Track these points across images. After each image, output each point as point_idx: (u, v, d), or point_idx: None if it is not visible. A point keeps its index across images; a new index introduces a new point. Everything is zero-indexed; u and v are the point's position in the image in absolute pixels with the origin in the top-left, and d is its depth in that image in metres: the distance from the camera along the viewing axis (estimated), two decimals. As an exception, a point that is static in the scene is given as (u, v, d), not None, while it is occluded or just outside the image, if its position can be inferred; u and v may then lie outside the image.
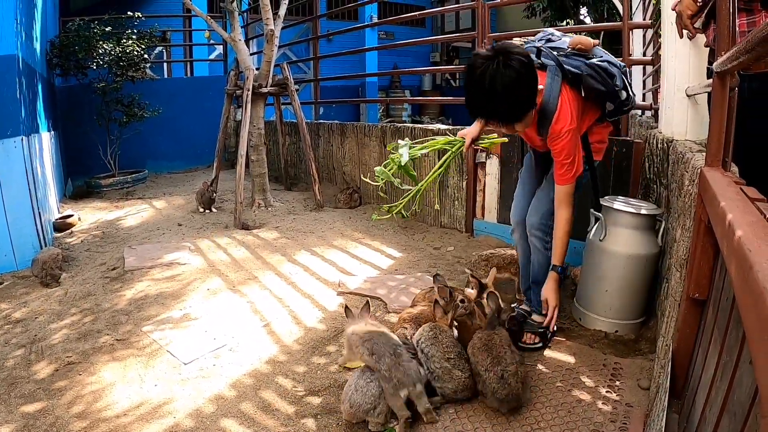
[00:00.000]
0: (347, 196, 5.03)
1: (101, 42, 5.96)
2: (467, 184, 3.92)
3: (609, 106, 2.17)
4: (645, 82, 4.21)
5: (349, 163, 5.39)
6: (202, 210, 4.98)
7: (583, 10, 9.92)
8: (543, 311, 2.22)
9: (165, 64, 9.19)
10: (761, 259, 0.67)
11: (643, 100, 4.03)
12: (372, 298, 2.91)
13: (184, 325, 2.64)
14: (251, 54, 6.93)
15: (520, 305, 2.63)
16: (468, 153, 3.84)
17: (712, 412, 0.99)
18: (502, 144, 3.59)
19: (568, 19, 9.65)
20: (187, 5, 5.37)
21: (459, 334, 2.11)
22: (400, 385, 1.75)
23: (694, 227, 1.42)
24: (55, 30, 6.54)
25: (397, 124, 4.84)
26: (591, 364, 2.12)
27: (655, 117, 2.98)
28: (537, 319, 2.40)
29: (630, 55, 3.43)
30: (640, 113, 3.86)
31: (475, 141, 2.48)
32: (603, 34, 7.47)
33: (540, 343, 2.27)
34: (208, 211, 4.97)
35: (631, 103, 2.20)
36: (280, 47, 6.06)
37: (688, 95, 2.20)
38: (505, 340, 1.91)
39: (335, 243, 3.89)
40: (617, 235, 2.35)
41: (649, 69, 3.79)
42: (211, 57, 9.35)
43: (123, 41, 6.16)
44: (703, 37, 2.04)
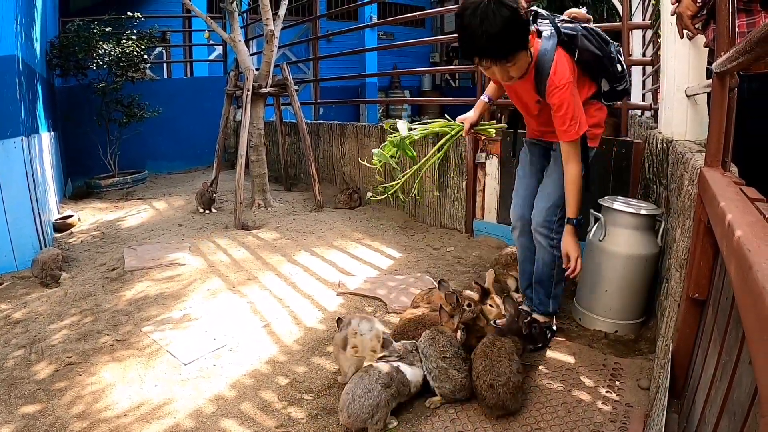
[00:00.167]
0: (347, 197, 5.03)
1: (101, 42, 5.95)
2: (467, 184, 3.92)
3: (605, 85, 2.18)
4: (645, 82, 4.21)
5: (348, 163, 5.39)
6: (201, 210, 4.97)
7: (582, 11, 9.91)
8: (564, 265, 2.19)
9: (165, 65, 9.19)
10: (761, 259, 0.67)
11: (643, 101, 4.03)
12: (372, 299, 2.91)
13: (184, 326, 2.64)
14: (251, 54, 6.94)
15: (520, 305, 2.63)
16: (468, 152, 3.85)
17: (711, 412, 0.99)
18: (502, 144, 3.62)
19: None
20: (187, 6, 5.37)
21: (465, 339, 2.10)
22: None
23: (694, 227, 1.42)
24: (54, 30, 6.54)
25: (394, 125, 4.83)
26: (591, 364, 2.12)
27: (655, 117, 2.99)
28: (538, 318, 2.40)
29: (630, 55, 3.43)
30: (640, 113, 3.86)
31: (474, 126, 2.48)
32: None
33: (540, 344, 2.27)
34: (207, 211, 4.97)
35: (626, 80, 2.21)
36: (280, 48, 6.06)
37: (688, 95, 2.20)
38: (506, 348, 1.90)
39: (335, 243, 3.89)
40: (617, 235, 2.35)
41: (649, 69, 3.79)
42: (211, 57, 9.34)
43: (123, 42, 6.15)
44: (702, 37, 2.04)
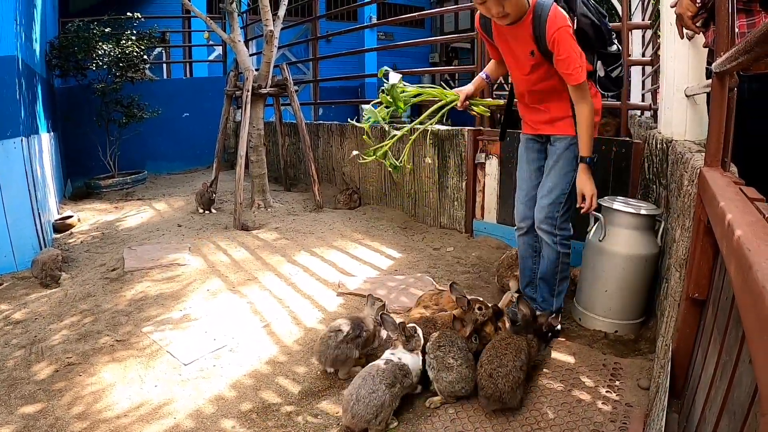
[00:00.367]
0: (347, 197, 5.03)
1: (101, 43, 5.95)
2: (467, 184, 3.93)
3: (600, 69, 2.19)
4: (644, 82, 4.21)
5: (348, 163, 5.39)
6: (201, 211, 4.97)
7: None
8: (578, 204, 2.22)
9: (164, 65, 9.19)
10: (760, 258, 0.67)
11: (643, 101, 4.03)
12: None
13: (184, 326, 2.64)
14: (251, 55, 6.94)
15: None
16: (467, 153, 3.85)
17: (711, 412, 0.99)
18: (501, 144, 3.62)
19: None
20: (187, 6, 5.37)
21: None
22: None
23: (694, 227, 1.42)
24: (54, 31, 6.54)
25: (396, 125, 4.83)
26: (591, 364, 2.12)
27: (655, 117, 2.99)
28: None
29: (629, 55, 3.44)
30: (640, 113, 3.86)
31: (470, 99, 2.49)
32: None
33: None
34: (207, 211, 4.97)
35: (620, 65, 2.24)
36: (280, 48, 6.06)
37: (688, 96, 2.20)
38: (515, 345, 1.92)
39: (335, 243, 3.89)
40: (617, 235, 2.35)
41: (649, 69, 3.79)
42: (211, 58, 9.35)
43: (122, 42, 6.16)
44: (701, 37, 2.04)
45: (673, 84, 2.26)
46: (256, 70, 5.09)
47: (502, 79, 5.32)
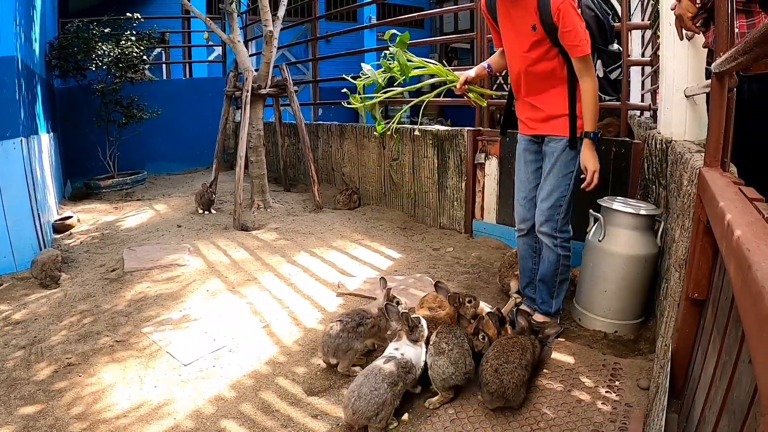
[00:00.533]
0: (346, 197, 5.03)
1: (100, 43, 5.95)
2: (466, 185, 3.93)
3: (599, 70, 2.20)
4: (644, 82, 4.21)
5: (348, 164, 5.39)
6: (201, 211, 4.97)
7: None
8: (581, 176, 2.24)
9: (164, 66, 9.18)
10: (760, 258, 0.67)
11: (642, 101, 4.03)
12: (371, 299, 2.91)
13: (184, 326, 2.64)
14: (250, 55, 6.94)
15: (520, 304, 2.63)
16: (467, 153, 3.85)
17: (711, 412, 0.99)
18: (501, 144, 3.62)
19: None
20: (186, 6, 5.37)
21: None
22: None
23: (693, 227, 1.42)
24: (54, 31, 6.53)
25: (396, 125, 4.83)
26: (590, 364, 2.13)
27: (654, 118, 2.99)
28: (539, 318, 2.41)
29: (629, 56, 3.44)
30: (639, 114, 3.86)
31: (469, 83, 2.50)
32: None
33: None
34: (207, 212, 4.97)
35: (620, 65, 2.27)
36: (279, 48, 6.06)
37: (687, 96, 2.20)
38: (521, 344, 1.94)
39: (334, 244, 3.89)
40: (616, 235, 2.36)
41: (648, 70, 3.79)
42: (210, 58, 9.34)
43: (122, 42, 6.15)
44: (701, 37, 2.04)
45: (673, 84, 2.26)
46: (256, 70, 5.09)
47: (502, 79, 5.32)
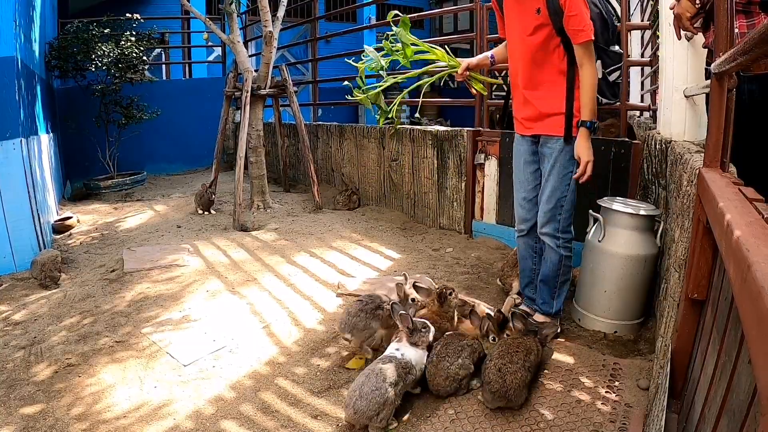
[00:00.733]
0: (346, 198, 5.03)
1: (100, 44, 5.94)
2: (466, 185, 3.93)
3: (598, 70, 2.20)
4: (643, 83, 4.21)
5: (348, 164, 5.39)
6: (201, 212, 4.97)
7: None
8: (576, 168, 2.22)
9: (163, 66, 9.18)
10: (759, 258, 0.67)
11: (642, 101, 4.04)
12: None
13: (184, 327, 2.64)
14: (250, 56, 6.93)
15: (520, 305, 2.63)
16: (467, 153, 3.85)
17: (711, 412, 0.99)
18: (501, 144, 3.62)
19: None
20: (186, 7, 5.37)
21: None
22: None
23: (693, 228, 1.42)
24: (53, 32, 6.53)
25: (395, 126, 4.83)
26: (590, 364, 2.13)
27: (654, 118, 2.99)
28: (539, 318, 2.41)
29: (628, 56, 3.44)
30: (639, 114, 3.87)
31: (470, 70, 2.50)
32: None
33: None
34: (207, 212, 4.97)
35: (620, 68, 2.27)
36: (279, 49, 6.06)
37: (687, 96, 2.20)
38: (526, 345, 1.94)
39: (334, 244, 3.89)
40: (616, 235, 2.36)
41: (648, 70, 3.80)
42: (210, 59, 9.34)
43: (121, 43, 6.15)
44: (701, 38, 2.04)
45: (672, 85, 2.27)
46: (256, 71, 5.09)
47: (501, 80, 5.32)
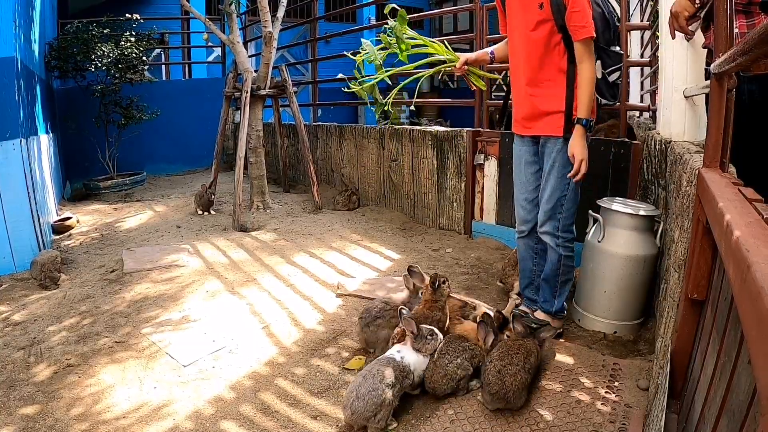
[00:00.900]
0: (346, 198, 5.03)
1: (99, 44, 5.94)
2: (465, 185, 3.93)
3: (597, 71, 2.20)
4: (643, 83, 4.22)
5: (347, 165, 5.39)
6: (200, 212, 4.97)
7: None
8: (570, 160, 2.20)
9: (163, 66, 9.18)
10: (759, 259, 0.67)
11: (641, 102, 4.04)
12: (371, 300, 2.91)
13: (184, 327, 2.64)
14: (250, 56, 6.93)
15: (519, 306, 2.63)
16: (466, 154, 3.85)
17: (711, 412, 0.99)
18: (500, 145, 3.62)
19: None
20: (186, 7, 5.38)
21: None
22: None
23: (693, 228, 1.42)
24: (53, 32, 6.53)
25: (395, 126, 4.84)
26: (590, 365, 2.12)
27: (653, 118, 2.99)
28: (540, 316, 2.41)
29: (628, 56, 3.44)
30: (639, 114, 3.87)
31: (469, 65, 2.50)
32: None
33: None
34: (206, 213, 4.97)
35: (620, 69, 2.26)
36: (279, 49, 6.06)
37: (686, 96, 2.20)
38: (526, 347, 1.94)
39: (334, 245, 3.89)
40: (616, 236, 2.36)
41: (647, 70, 3.80)
42: (210, 59, 9.33)
43: (121, 43, 6.15)
44: (701, 38, 2.04)
45: (672, 85, 2.26)
46: (255, 71, 5.09)
47: (501, 80, 5.32)
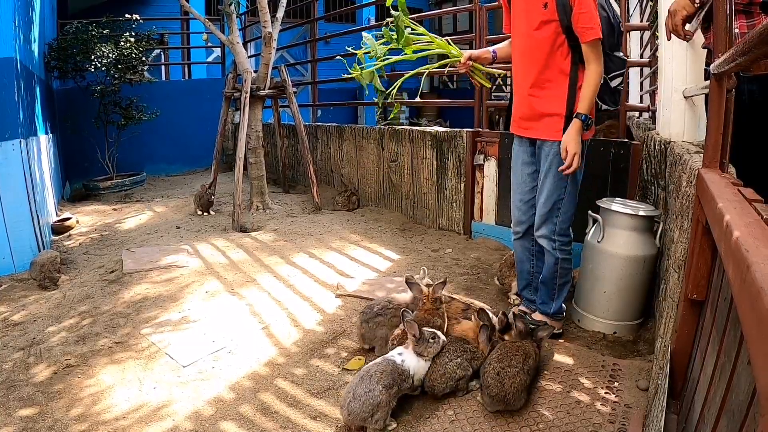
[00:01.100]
0: (345, 199, 5.03)
1: (99, 44, 5.94)
2: (465, 186, 3.93)
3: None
4: (642, 83, 4.22)
5: (347, 165, 5.39)
6: (200, 213, 4.97)
7: None
8: (562, 156, 2.16)
9: (163, 67, 9.18)
10: (759, 259, 0.67)
11: (641, 102, 4.04)
12: (370, 301, 2.90)
13: (183, 328, 2.64)
14: (249, 57, 6.93)
15: (518, 306, 2.63)
16: (466, 154, 3.85)
17: (710, 413, 0.99)
18: (500, 145, 3.62)
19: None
20: (185, 8, 5.38)
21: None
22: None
23: (692, 228, 1.42)
24: (53, 33, 6.53)
25: (394, 127, 4.85)
26: (590, 365, 2.12)
27: (653, 119, 2.99)
28: (537, 317, 2.41)
29: (627, 57, 3.44)
30: (638, 115, 3.87)
31: (473, 60, 2.47)
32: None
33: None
34: (206, 213, 4.97)
35: (622, 75, 2.24)
36: (278, 50, 6.06)
37: (686, 97, 2.21)
38: (525, 349, 1.93)
39: (333, 245, 3.89)
40: (615, 236, 2.36)
41: (647, 71, 3.80)
42: (209, 60, 9.33)
43: (121, 44, 6.15)
44: (700, 38, 2.04)
45: (671, 85, 2.27)
46: (255, 71, 5.09)
47: (501, 81, 5.32)
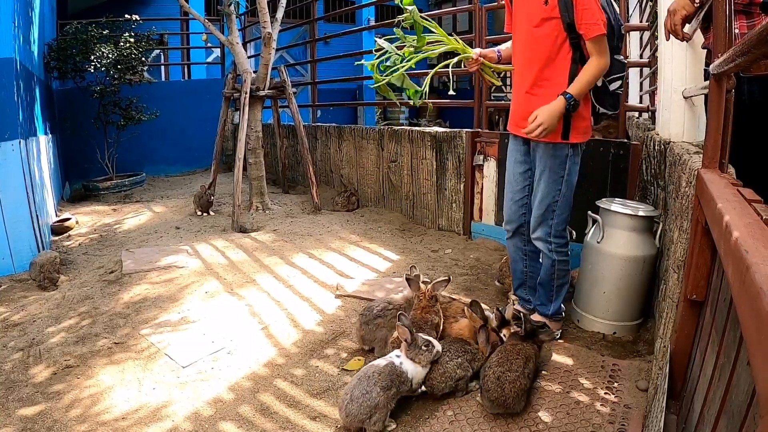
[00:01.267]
0: (345, 199, 5.03)
1: (99, 45, 5.94)
2: (465, 186, 3.93)
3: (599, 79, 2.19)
4: (642, 84, 4.23)
5: (346, 165, 5.39)
6: (199, 213, 4.97)
7: None
8: (528, 120, 2.12)
9: (162, 67, 9.18)
10: (758, 260, 0.67)
11: (641, 102, 4.04)
12: (370, 301, 2.90)
13: (183, 328, 2.64)
14: (249, 57, 6.93)
15: (514, 305, 2.63)
16: (466, 155, 3.85)
17: (710, 413, 0.99)
18: (500, 146, 3.62)
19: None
20: (185, 8, 5.38)
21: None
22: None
23: (692, 229, 1.42)
24: (52, 33, 6.53)
25: (394, 127, 4.85)
26: (589, 365, 2.12)
27: (653, 119, 3.00)
28: (536, 318, 2.41)
29: (627, 57, 3.45)
30: (638, 115, 3.88)
31: (483, 58, 2.39)
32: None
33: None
34: (205, 214, 4.97)
35: (622, 77, 2.22)
36: (278, 50, 6.06)
37: (685, 97, 2.21)
38: (525, 351, 1.92)
39: (333, 245, 3.89)
40: (615, 236, 2.36)
41: (646, 71, 3.81)
42: (209, 60, 9.34)
43: (120, 44, 6.15)
44: (700, 38, 2.04)
45: (671, 85, 2.27)
46: (254, 72, 5.09)
47: (501, 81, 5.32)
